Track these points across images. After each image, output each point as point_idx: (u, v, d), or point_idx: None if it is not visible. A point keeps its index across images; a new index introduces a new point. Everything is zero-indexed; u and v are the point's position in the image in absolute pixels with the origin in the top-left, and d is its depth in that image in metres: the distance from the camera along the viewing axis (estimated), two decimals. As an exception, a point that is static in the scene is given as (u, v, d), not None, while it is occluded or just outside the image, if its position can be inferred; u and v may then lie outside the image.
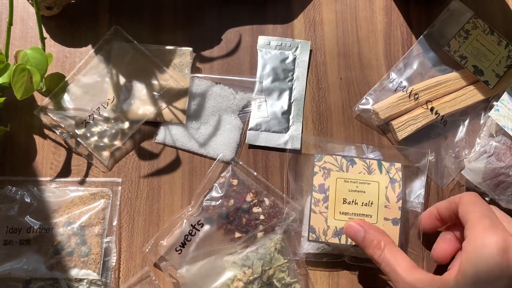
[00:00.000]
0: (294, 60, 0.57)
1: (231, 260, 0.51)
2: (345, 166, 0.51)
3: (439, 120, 0.54)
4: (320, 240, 0.50)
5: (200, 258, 0.51)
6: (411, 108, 0.54)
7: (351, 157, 0.52)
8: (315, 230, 0.50)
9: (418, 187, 0.53)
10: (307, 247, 0.52)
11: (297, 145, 0.55)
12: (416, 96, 0.54)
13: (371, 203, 0.50)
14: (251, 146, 0.55)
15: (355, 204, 0.50)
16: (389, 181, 0.51)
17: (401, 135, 0.53)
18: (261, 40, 0.58)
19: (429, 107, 0.54)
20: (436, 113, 0.53)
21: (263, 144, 0.55)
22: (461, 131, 0.55)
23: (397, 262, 0.43)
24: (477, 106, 0.55)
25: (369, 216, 0.50)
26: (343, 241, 0.50)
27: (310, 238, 0.50)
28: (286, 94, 0.56)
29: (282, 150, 0.55)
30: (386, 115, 0.53)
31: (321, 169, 0.51)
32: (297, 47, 0.57)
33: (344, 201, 0.50)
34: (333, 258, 0.52)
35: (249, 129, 0.55)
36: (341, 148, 0.54)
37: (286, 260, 0.51)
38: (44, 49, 0.50)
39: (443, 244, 0.49)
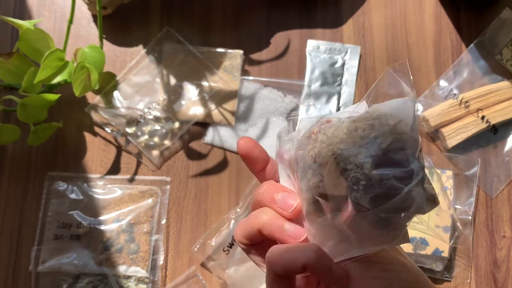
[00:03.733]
0: (343, 64, 0.57)
1: None
2: None
3: (489, 129, 0.54)
4: None
5: (248, 259, 0.51)
6: (462, 116, 0.54)
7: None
8: None
9: (468, 196, 0.53)
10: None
11: None
12: (467, 104, 0.53)
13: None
14: None
15: None
16: (440, 189, 0.50)
17: (451, 143, 0.53)
18: (310, 44, 0.58)
19: (480, 115, 0.53)
20: (487, 121, 0.53)
21: None
22: (511, 140, 0.54)
23: None
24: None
25: (420, 223, 0.50)
26: None
27: None
28: (334, 99, 0.56)
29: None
30: (436, 122, 0.53)
31: None
32: (346, 52, 0.58)
33: None
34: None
35: None
36: None
37: None
38: (102, 48, 0.51)
39: None
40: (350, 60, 0.57)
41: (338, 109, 0.56)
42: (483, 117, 0.54)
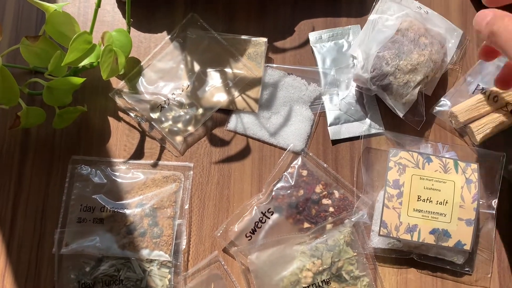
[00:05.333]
0: (349, 46, 0.57)
1: (300, 249, 0.51)
2: (421, 163, 0.51)
3: (519, 123, 0.53)
4: (391, 235, 0.50)
5: (270, 246, 0.51)
6: (490, 111, 0.53)
7: (428, 155, 0.51)
8: (387, 225, 0.50)
9: (492, 190, 0.52)
10: (377, 242, 0.51)
11: (380, 129, 0.55)
12: (495, 98, 0.53)
13: (446, 202, 0.50)
14: (335, 142, 0.55)
15: (429, 202, 0.50)
16: (465, 181, 0.50)
17: (480, 138, 0.53)
18: (312, 36, 0.58)
19: (509, 109, 0.53)
20: (517, 115, 0.53)
21: (346, 136, 0.55)
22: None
23: None
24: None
25: (443, 215, 0.49)
26: (415, 238, 0.49)
27: (381, 233, 0.50)
28: (353, 82, 0.56)
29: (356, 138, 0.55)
30: (465, 118, 0.53)
31: (397, 165, 0.51)
32: (348, 34, 0.57)
33: (418, 198, 0.50)
34: (401, 255, 0.52)
35: (330, 125, 0.55)
36: (416, 145, 0.54)
37: (355, 253, 0.51)
38: (129, 32, 0.51)
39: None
40: (355, 40, 0.57)
41: (360, 91, 0.56)
42: (512, 111, 0.53)
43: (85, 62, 0.49)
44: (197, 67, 0.56)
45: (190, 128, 0.55)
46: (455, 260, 0.51)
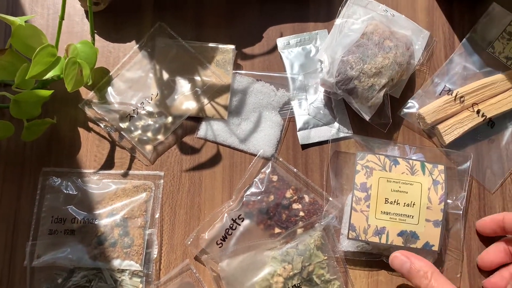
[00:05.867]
0: (317, 51, 0.57)
1: (271, 255, 0.51)
2: (388, 166, 0.51)
3: (486, 123, 0.54)
4: (360, 238, 0.50)
5: (241, 252, 0.52)
6: (457, 112, 0.54)
7: (395, 157, 0.52)
8: (356, 228, 0.50)
9: (460, 190, 0.53)
10: (346, 245, 0.52)
11: (349, 132, 0.55)
12: (462, 99, 0.53)
13: (413, 204, 0.50)
14: (305, 147, 0.56)
15: (397, 204, 0.50)
16: (431, 183, 0.50)
17: (448, 139, 0.53)
18: (280, 42, 0.58)
19: (476, 109, 0.53)
20: (482, 115, 0.53)
21: (316, 141, 0.55)
22: (509, 133, 0.54)
23: None
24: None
25: (411, 217, 0.50)
26: (383, 240, 0.49)
27: (350, 236, 0.50)
28: (320, 86, 0.56)
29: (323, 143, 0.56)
30: (432, 119, 0.53)
31: (364, 168, 0.51)
32: (316, 39, 0.58)
33: (386, 200, 0.50)
34: (372, 257, 0.52)
35: (299, 130, 0.55)
36: (384, 148, 0.54)
37: (325, 257, 0.51)
38: (93, 43, 0.51)
39: (494, 253, 0.50)
40: (322, 45, 0.57)
41: (328, 96, 0.56)
42: (478, 111, 0.54)
43: (50, 75, 0.49)
44: (165, 76, 0.56)
45: (160, 137, 0.55)
46: None
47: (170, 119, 0.55)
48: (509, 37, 0.55)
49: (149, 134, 0.55)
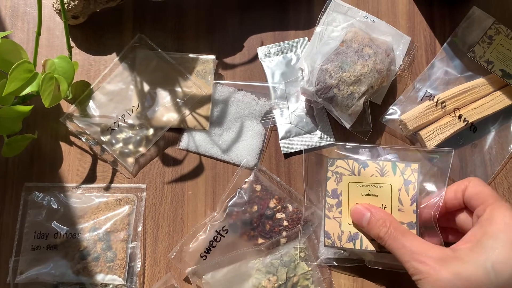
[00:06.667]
0: (298, 59, 0.57)
1: (256, 266, 0.51)
2: (357, 170, 0.50)
3: (468, 128, 0.54)
4: (335, 245, 0.49)
5: (224, 264, 0.51)
6: (439, 117, 0.53)
7: (364, 160, 0.50)
8: (330, 235, 0.50)
9: (439, 189, 0.49)
10: (325, 252, 0.51)
11: (331, 140, 0.55)
12: (443, 104, 0.53)
13: (384, 207, 0.48)
14: (287, 155, 0.55)
15: None
16: (402, 183, 0.48)
17: (430, 144, 0.53)
18: (261, 51, 0.58)
19: (457, 114, 0.53)
20: (464, 120, 0.53)
21: (299, 149, 0.55)
22: (491, 137, 0.54)
23: (404, 237, 0.43)
24: (509, 111, 0.54)
25: None
26: (357, 246, 0.48)
27: (326, 244, 0.50)
28: (302, 95, 0.56)
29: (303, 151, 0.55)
30: (414, 126, 0.53)
31: (334, 174, 0.51)
32: (296, 47, 0.57)
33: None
34: (355, 263, 0.51)
35: (281, 139, 0.55)
36: (356, 151, 0.52)
37: (310, 268, 0.51)
38: (71, 58, 0.51)
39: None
40: (302, 53, 0.57)
41: (309, 105, 0.56)
42: (460, 116, 0.53)
43: (26, 91, 0.48)
44: (146, 87, 0.56)
45: (142, 149, 0.55)
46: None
47: (151, 131, 0.55)
48: (489, 41, 0.55)
49: (131, 146, 0.55)
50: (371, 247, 0.48)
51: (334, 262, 0.52)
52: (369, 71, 0.50)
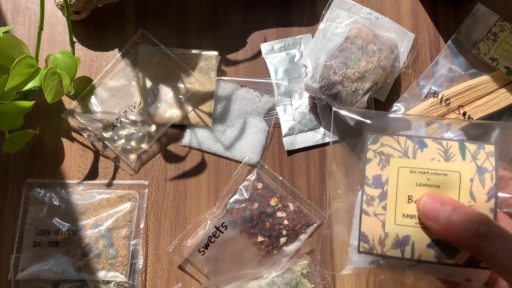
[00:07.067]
0: (301, 56, 0.57)
1: (257, 285, 0.50)
2: (412, 151, 0.37)
3: (472, 125, 0.53)
4: (375, 252, 0.35)
5: (225, 283, 0.50)
6: (443, 114, 0.53)
7: (420, 138, 0.37)
8: (368, 238, 0.36)
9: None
10: (357, 260, 0.37)
11: (334, 137, 0.54)
12: (447, 101, 0.53)
13: None
14: (290, 153, 0.55)
15: None
16: (476, 171, 0.35)
17: None
18: (264, 47, 0.57)
19: (461, 112, 0.53)
20: (468, 118, 0.53)
21: (301, 146, 0.55)
22: (495, 135, 0.54)
23: None
24: (512, 108, 0.54)
25: None
26: (407, 255, 0.35)
27: (361, 249, 0.35)
28: (305, 92, 0.56)
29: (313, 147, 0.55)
30: None
31: (377, 155, 0.37)
32: (300, 44, 0.57)
33: (409, 199, 0.36)
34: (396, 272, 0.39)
35: (284, 136, 0.55)
36: (406, 125, 0.41)
37: (313, 286, 0.50)
38: (73, 53, 0.51)
39: None
40: (306, 49, 0.57)
41: (313, 102, 0.55)
42: (464, 114, 0.53)
43: (28, 86, 0.48)
44: (149, 84, 0.56)
45: (144, 146, 0.55)
46: (469, 283, 0.36)
47: (153, 127, 0.55)
48: (494, 38, 0.55)
49: (133, 143, 0.55)
50: (427, 256, 0.35)
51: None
52: (374, 68, 0.50)
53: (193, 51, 0.56)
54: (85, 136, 0.55)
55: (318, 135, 0.55)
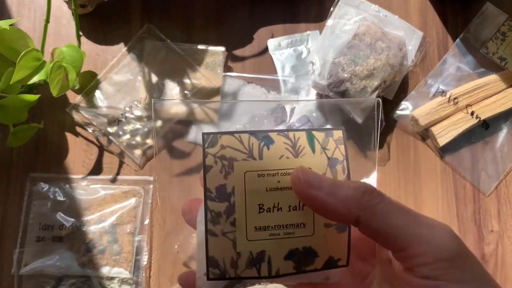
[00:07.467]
0: (308, 52, 0.56)
1: None
2: (257, 150, 0.30)
3: (480, 124, 0.53)
4: (227, 276, 0.29)
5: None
6: (451, 113, 0.53)
7: (265, 132, 0.31)
8: (218, 262, 0.29)
9: (368, 164, 0.35)
10: None
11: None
12: (455, 100, 0.53)
13: (303, 205, 0.30)
14: None
15: (278, 210, 0.30)
16: (327, 164, 0.30)
17: (442, 141, 0.52)
18: (271, 44, 0.57)
19: (470, 111, 0.53)
20: (476, 117, 0.52)
21: None
22: (503, 135, 0.54)
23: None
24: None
25: (302, 225, 0.30)
26: (264, 272, 0.30)
27: (211, 276, 0.29)
28: (313, 89, 0.55)
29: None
30: (426, 122, 0.52)
31: (218, 160, 0.30)
32: (307, 40, 0.57)
33: (260, 208, 0.30)
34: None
35: None
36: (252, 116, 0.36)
37: None
38: (80, 47, 0.50)
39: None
40: (313, 46, 0.56)
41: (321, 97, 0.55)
42: (472, 113, 0.53)
43: (34, 79, 0.48)
44: (154, 79, 0.55)
45: (149, 141, 0.54)
46: (327, 281, 0.32)
47: (159, 123, 0.54)
48: (502, 37, 0.55)
49: (138, 138, 0.54)
50: (286, 269, 0.30)
51: None
52: (382, 65, 0.50)
53: (200, 47, 0.56)
54: (90, 131, 0.54)
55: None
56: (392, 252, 0.26)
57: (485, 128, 0.54)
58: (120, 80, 0.55)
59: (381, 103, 0.34)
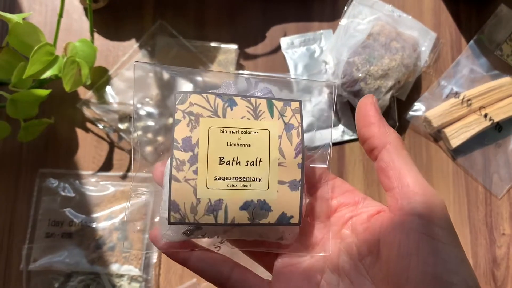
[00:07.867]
0: (321, 52, 0.56)
1: None
2: (222, 109, 0.33)
3: (493, 127, 0.53)
4: (187, 220, 0.32)
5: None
6: (464, 115, 0.53)
7: (230, 96, 0.34)
8: (179, 207, 0.32)
9: (325, 132, 0.39)
10: (168, 234, 0.33)
11: (353, 135, 0.54)
12: (469, 102, 0.52)
13: (260, 161, 0.33)
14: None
15: (237, 164, 0.33)
16: (283, 128, 0.34)
17: (455, 142, 0.52)
18: (284, 42, 0.57)
19: (483, 113, 0.52)
20: (490, 119, 0.52)
21: (320, 144, 0.54)
22: (517, 137, 0.54)
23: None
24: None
25: (258, 179, 0.33)
26: (220, 220, 0.32)
27: (172, 220, 0.32)
28: (325, 88, 0.55)
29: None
30: (439, 123, 0.52)
31: (186, 115, 0.33)
32: (320, 39, 0.57)
33: (221, 160, 0.33)
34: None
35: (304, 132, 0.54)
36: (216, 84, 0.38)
37: None
38: (93, 42, 0.50)
39: None
40: (327, 45, 0.56)
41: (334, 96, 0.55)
42: (486, 115, 0.53)
43: (47, 74, 0.47)
44: (166, 75, 0.55)
45: (160, 138, 0.54)
46: (283, 242, 0.34)
47: (170, 120, 0.54)
48: (517, 39, 0.54)
49: (149, 135, 0.54)
50: (240, 219, 0.32)
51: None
52: (397, 66, 0.49)
53: (212, 44, 0.56)
54: (100, 127, 0.54)
55: (337, 133, 0.54)
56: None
57: (498, 130, 0.53)
58: (132, 76, 0.55)
59: (337, 87, 0.41)
